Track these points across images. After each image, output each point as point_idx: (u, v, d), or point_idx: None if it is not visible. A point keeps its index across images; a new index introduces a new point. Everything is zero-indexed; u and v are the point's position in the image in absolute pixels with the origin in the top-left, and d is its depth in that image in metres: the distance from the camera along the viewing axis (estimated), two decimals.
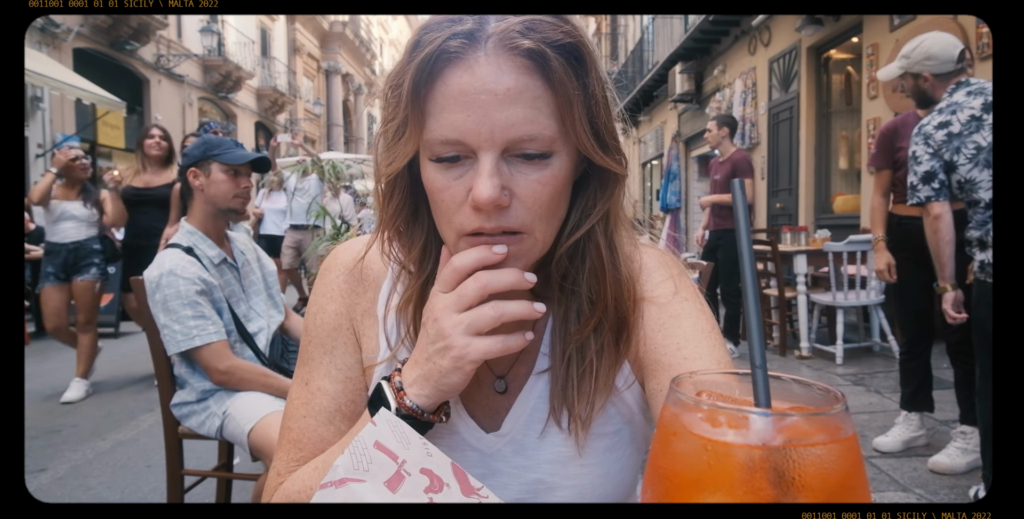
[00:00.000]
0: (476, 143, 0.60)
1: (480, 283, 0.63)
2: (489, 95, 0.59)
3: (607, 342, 0.73)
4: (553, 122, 0.61)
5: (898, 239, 3.13)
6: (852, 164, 7.70)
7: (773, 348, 5.30)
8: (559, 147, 0.63)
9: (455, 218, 0.64)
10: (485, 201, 0.60)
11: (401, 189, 0.70)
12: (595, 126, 0.65)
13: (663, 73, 12.51)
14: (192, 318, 1.90)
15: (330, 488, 0.59)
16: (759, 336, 0.44)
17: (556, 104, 0.61)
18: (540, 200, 0.63)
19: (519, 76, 0.60)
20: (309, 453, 0.75)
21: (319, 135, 27.07)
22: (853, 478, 0.39)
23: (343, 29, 27.71)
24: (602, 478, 0.74)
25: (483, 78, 0.59)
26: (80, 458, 3.22)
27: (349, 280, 0.79)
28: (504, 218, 0.62)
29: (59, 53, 11.34)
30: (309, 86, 26.04)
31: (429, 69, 0.60)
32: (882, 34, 6.40)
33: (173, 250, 2.01)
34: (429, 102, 0.62)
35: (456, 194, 0.63)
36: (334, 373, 0.77)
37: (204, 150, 2.12)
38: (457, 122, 0.60)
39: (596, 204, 0.70)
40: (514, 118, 0.60)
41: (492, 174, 0.60)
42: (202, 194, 2.11)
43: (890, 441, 3.09)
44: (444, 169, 0.63)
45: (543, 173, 0.63)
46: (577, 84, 0.62)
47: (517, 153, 0.62)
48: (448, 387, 0.64)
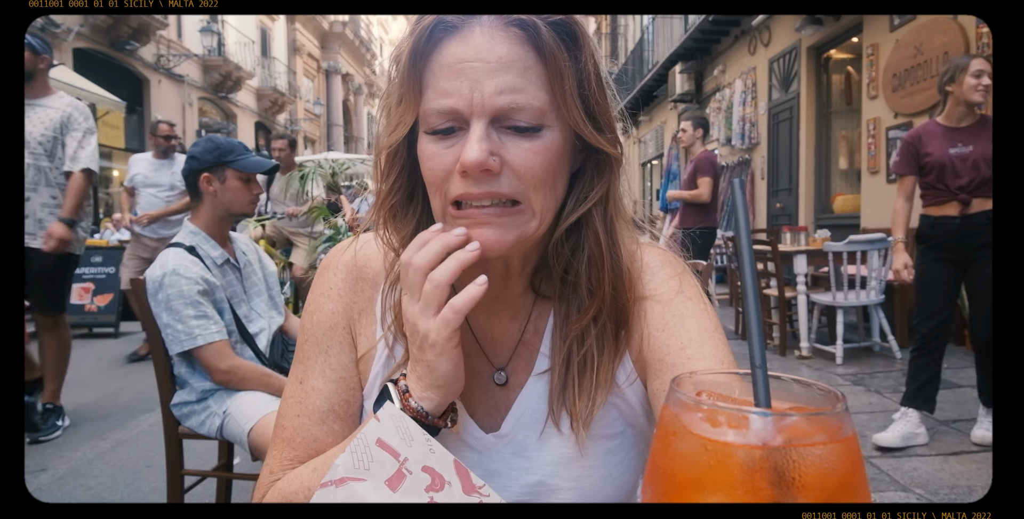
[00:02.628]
0: (467, 110, 0.62)
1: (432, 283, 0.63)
2: (481, 63, 0.61)
3: (607, 335, 0.72)
4: (543, 93, 0.63)
5: (933, 239, 3.20)
6: (852, 164, 7.70)
7: (773, 348, 5.30)
8: (551, 121, 0.64)
9: (443, 186, 0.65)
10: (472, 163, 0.61)
11: (399, 166, 0.71)
12: (587, 102, 0.66)
13: (663, 73, 12.51)
14: (194, 318, 1.90)
15: (330, 487, 0.59)
16: (759, 336, 0.44)
17: (547, 76, 0.63)
18: (532, 169, 0.64)
19: (511, 46, 0.62)
20: (302, 452, 0.75)
21: (319, 135, 27.07)
22: (853, 478, 0.39)
23: (343, 29, 27.72)
24: (604, 480, 0.73)
25: (476, 47, 0.61)
26: (80, 458, 3.22)
27: (347, 278, 0.79)
28: (495, 184, 0.63)
29: (59, 53, 11.34)
30: (309, 86, 26.04)
31: (426, 39, 0.63)
32: (882, 34, 6.40)
33: (176, 250, 2.01)
34: (426, 72, 0.64)
35: (446, 161, 0.64)
36: (328, 373, 0.77)
37: (218, 155, 2.08)
38: (451, 89, 0.62)
39: (593, 188, 0.70)
40: (503, 85, 0.61)
41: (480, 139, 0.61)
42: (214, 199, 2.09)
43: (889, 436, 3.08)
44: (438, 140, 0.65)
45: (534, 144, 0.64)
46: (568, 57, 0.63)
47: (508, 124, 0.63)
48: (444, 380, 0.64)
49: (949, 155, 3.06)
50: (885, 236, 4.75)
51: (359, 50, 30.63)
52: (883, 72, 6.32)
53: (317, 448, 0.75)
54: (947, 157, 3.06)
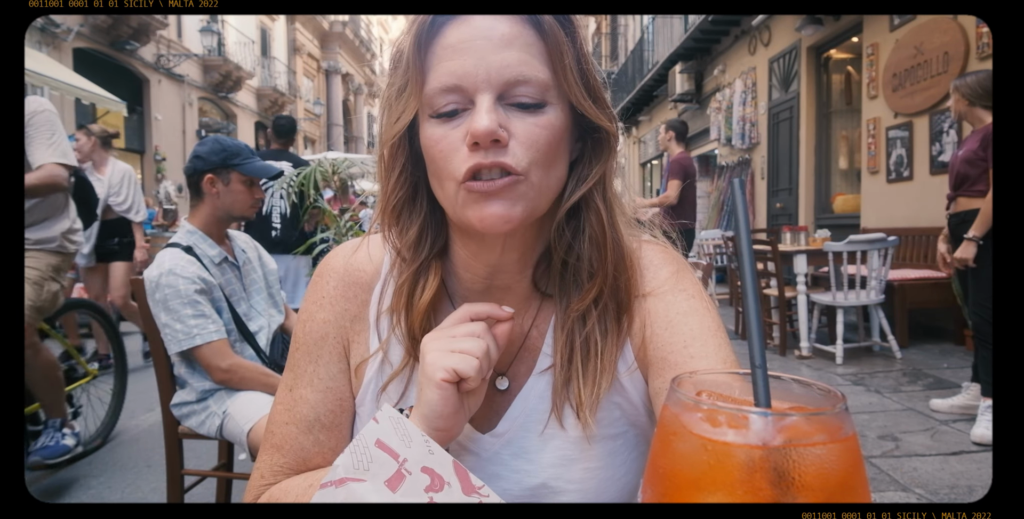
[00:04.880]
0: (473, 85, 0.63)
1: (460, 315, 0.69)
2: (484, 40, 0.63)
3: (609, 316, 0.73)
4: (546, 68, 0.65)
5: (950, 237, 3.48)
6: (852, 164, 7.70)
7: (773, 348, 5.30)
8: (553, 98, 0.65)
9: (451, 165, 0.64)
10: (483, 131, 0.61)
11: (402, 160, 0.71)
12: (585, 79, 0.67)
13: (663, 73, 12.50)
14: (192, 317, 1.90)
15: (330, 488, 0.59)
16: (759, 336, 0.44)
17: (548, 52, 0.65)
18: (538, 142, 0.64)
19: (512, 25, 0.64)
20: (291, 460, 0.75)
21: (319, 135, 27.06)
22: (853, 478, 0.39)
23: (343, 29, 27.71)
24: (607, 481, 0.73)
25: (479, 27, 0.63)
26: (80, 458, 3.22)
27: (340, 285, 0.79)
28: (503, 154, 0.63)
29: (59, 53, 11.35)
30: (309, 86, 26.04)
31: (428, 26, 0.64)
32: (882, 34, 6.40)
33: (172, 249, 2.00)
34: (429, 57, 0.65)
35: (453, 140, 0.64)
36: (316, 382, 0.77)
37: (224, 157, 2.07)
38: (455, 67, 0.63)
39: (592, 168, 0.71)
40: (509, 59, 0.63)
41: (490, 110, 0.62)
42: (216, 200, 2.09)
43: (986, 432, 3.09)
44: (442, 123, 0.65)
45: (539, 118, 0.65)
46: (566, 36, 0.65)
47: (513, 101, 0.64)
48: (434, 414, 0.64)
49: (952, 158, 3.43)
50: (885, 236, 4.75)
51: (359, 50, 30.62)
52: (883, 72, 6.33)
53: (304, 457, 0.75)
54: (951, 159, 3.45)
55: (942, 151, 5.57)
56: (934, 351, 5.10)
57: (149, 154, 15.09)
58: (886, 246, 4.74)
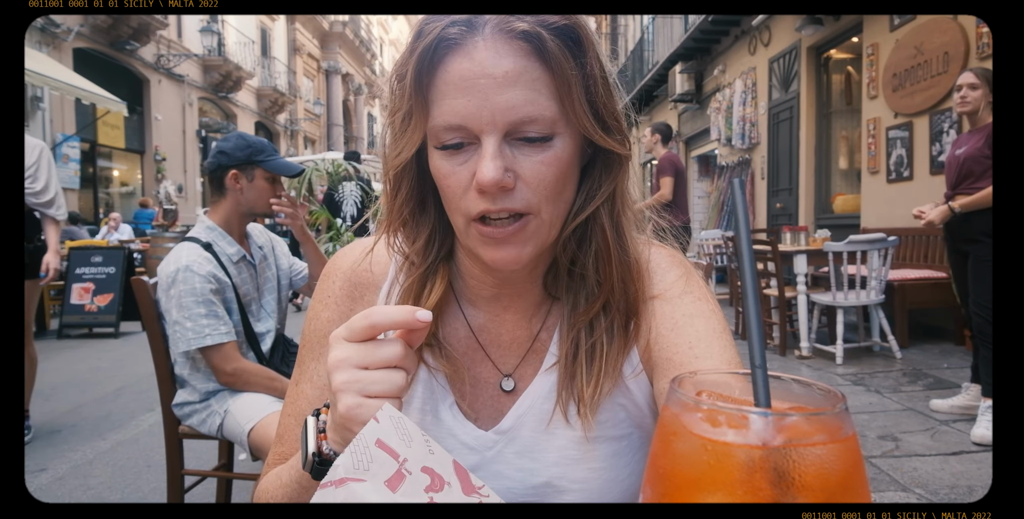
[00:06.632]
0: (478, 127, 0.61)
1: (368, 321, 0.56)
2: (488, 79, 0.60)
3: (616, 326, 0.72)
4: (553, 103, 0.62)
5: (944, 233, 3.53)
6: (852, 164, 7.71)
7: (773, 348, 5.30)
8: (560, 129, 0.64)
9: (462, 203, 0.65)
10: (488, 183, 0.61)
11: (408, 181, 0.71)
12: (595, 107, 0.65)
13: (663, 73, 12.51)
14: (205, 317, 1.89)
15: (330, 488, 0.59)
16: (759, 336, 0.44)
17: (555, 85, 0.62)
18: (545, 181, 0.64)
19: (517, 59, 0.61)
20: (288, 449, 0.78)
21: (319, 135, 27.07)
22: (853, 478, 0.39)
23: (343, 29, 27.70)
24: (610, 482, 0.73)
25: (481, 63, 0.60)
26: (80, 458, 3.22)
27: (346, 285, 0.80)
28: (509, 200, 0.63)
29: (59, 53, 11.35)
30: (309, 86, 26.04)
31: (430, 57, 0.62)
32: (882, 34, 6.40)
33: (191, 244, 1.99)
34: (431, 90, 0.63)
35: (461, 179, 0.64)
36: (316, 379, 0.78)
37: (249, 154, 2.07)
38: (459, 107, 0.61)
39: (601, 186, 0.70)
40: (514, 100, 0.61)
41: (495, 156, 0.61)
42: (239, 196, 2.08)
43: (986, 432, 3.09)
44: (449, 156, 0.64)
45: (546, 154, 0.63)
46: (575, 65, 0.62)
47: (519, 136, 0.63)
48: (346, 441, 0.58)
49: (949, 157, 3.44)
50: (885, 236, 4.75)
51: (359, 50, 30.62)
52: (883, 72, 6.33)
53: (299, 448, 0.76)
54: (948, 158, 3.44)
55: (942, 151, 5.57)
56: (934, 351, 5.10)
57: (149, 154, 15.10)
58: (886, 246, 4.74)
